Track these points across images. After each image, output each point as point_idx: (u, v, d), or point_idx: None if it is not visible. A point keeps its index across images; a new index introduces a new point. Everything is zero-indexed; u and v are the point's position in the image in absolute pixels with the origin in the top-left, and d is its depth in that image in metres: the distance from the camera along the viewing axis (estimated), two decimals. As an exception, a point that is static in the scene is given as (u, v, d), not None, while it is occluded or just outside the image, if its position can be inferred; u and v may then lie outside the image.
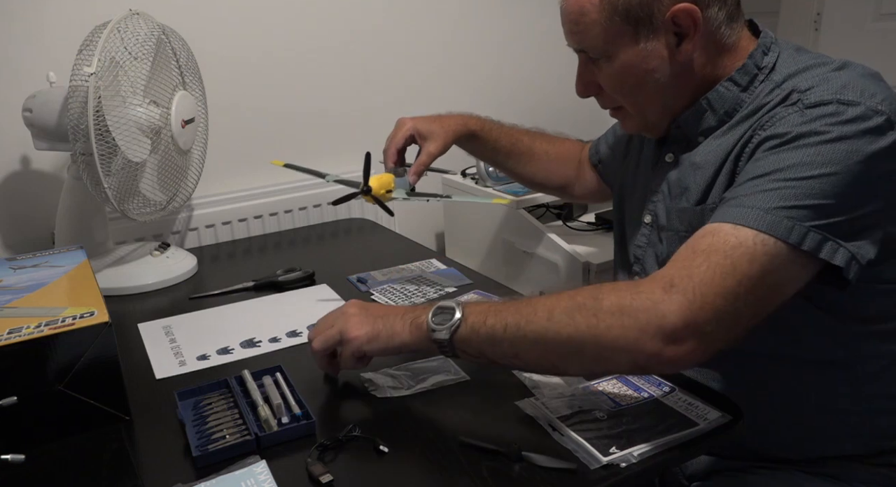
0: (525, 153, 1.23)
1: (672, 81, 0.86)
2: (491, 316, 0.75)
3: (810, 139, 0.74)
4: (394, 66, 1.73)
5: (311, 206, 1.62)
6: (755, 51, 0.86)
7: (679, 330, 0.67)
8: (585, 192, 1.26)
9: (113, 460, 0.75)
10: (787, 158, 0.74)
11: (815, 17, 2.24)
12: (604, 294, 0.71)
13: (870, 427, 0.85)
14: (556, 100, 1.97)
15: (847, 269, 0.73)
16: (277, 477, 0.67)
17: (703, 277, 0.69)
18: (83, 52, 1.08)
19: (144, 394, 0.86)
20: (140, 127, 1.12)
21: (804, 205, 0.71)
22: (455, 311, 0.76)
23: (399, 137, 1.14)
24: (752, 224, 0.71)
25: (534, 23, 1.91)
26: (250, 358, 0.95)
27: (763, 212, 0.71)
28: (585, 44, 0.87)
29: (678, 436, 0.72)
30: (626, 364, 0.72)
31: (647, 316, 0.68)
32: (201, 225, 1.51)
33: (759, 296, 0.70)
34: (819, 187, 0.72)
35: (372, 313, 0.83)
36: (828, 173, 0.72)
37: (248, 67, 1.54)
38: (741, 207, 0.73)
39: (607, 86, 0.89)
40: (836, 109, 0.74)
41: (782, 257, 0.70)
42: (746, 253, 0.70)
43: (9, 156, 1.36)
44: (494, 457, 0.71)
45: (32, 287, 0.90)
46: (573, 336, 0.70)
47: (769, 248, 0.70)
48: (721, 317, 0.68)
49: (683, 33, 0.83)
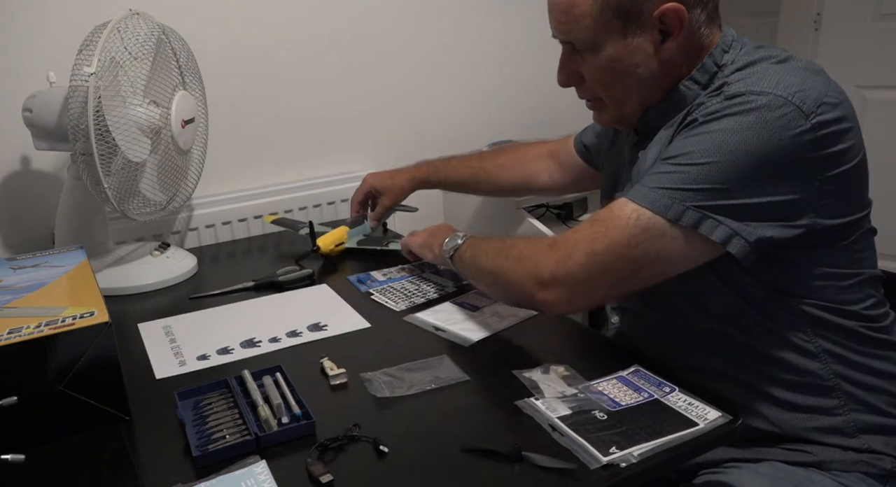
0: (478, 174, 1.36)
1: (652, 76, 0.89)
2: (469, 247, 1.00)
3: (712, 126, 0.80)
4: (394, 66, 1.73)
5: (312, 206, 1.62)
6: (715, 49, 0.88)
7: (547, 279, 0.84)
8: (557, 182, 1.33)
9: (113, 460, 0.74)
10: (689, 144, 0.81)
11: (815, 17, 2.25)
12: (517, 243, 0.91)
13: (843, 402, 0.87)
14: (556, 100, 1.97)
15: (728, 245, 0.79)
16: (277, 477, 0.67)
17: (577, 239, 0.83)
18: (83, 52, 1.08)
19: (144, 394, 0.86)
20: (140, 127, 1.12)
21: (690, 189, 0.79)
22: (459, 239, 1.02)
23: (359, 193, 1.42)
24: (638, 200, 0.81)
25: (534, 23, 1.91)
26: (250, 358, 0.95)
27: (649, 190, 0.81)
28: (573, 35, 0.89)
29: (678, 436, 0.72)
30: (520, 299, 0.89)
31: (529, 265, 0.86)
32: (201, 225, 1.51)
33: (630, 261, 0.81)
34: (708, 173, 0.78)
35: (431, 233, 1.14)
36: (718, 161, 0.78)
37: (248, 67, 1.54)
38: (639, 185, 0.83)
39: (590, 77, 0.92)
40: (746, 99, 0.79)
41: (657, 230, 0.79)
42: (620, 223, 0.81)
43: (9, 156, 1.36)
44: (494, 457, 0.71)
45: (32, 287, 0.90)
46: (492, 270, 0.92)
47: (642, 222, 0.80)
48: (586, 274, 0.82)
49: (669, 31, 0.86)
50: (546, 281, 0.84)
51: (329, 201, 1.64)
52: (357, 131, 1.72)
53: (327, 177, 1.68)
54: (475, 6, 1.81)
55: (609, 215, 0.83)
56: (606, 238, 0.81)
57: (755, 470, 0.86)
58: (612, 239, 0.81)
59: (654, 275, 0.83)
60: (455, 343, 0.96)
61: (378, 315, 1.07)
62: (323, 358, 0.91)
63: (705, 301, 0.89)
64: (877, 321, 0.89)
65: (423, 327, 1.02)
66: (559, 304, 0.85)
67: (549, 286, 0.84)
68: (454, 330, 0.99)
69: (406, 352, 0.93)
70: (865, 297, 0.88)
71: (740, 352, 0.89)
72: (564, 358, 0.89)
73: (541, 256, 0.85)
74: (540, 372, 0.85)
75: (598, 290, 0.85)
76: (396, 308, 1.09)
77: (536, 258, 0.85)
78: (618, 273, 0.82)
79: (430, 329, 1.01)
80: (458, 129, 1.86)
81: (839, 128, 0.80)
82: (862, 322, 0.88)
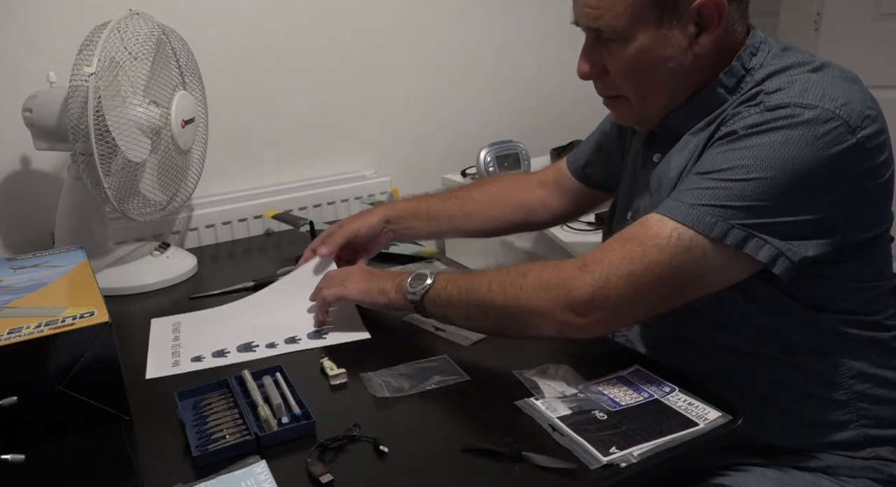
0: (466, 205, 1.17)
1: (682, 72, 0.85)
2: (451, 284, 0.88)
3: (755, 140, 0.75)
4: (394, 66, 1.73)
5: (312, 206, 1.62)
6: (743, 52, 0.85)
7: (583, 304, 0.78)
8: (556, 211, 1.20)
9: (113, 460, 0.74)
10: (731, 158, 0.76)
11: (815, 17, 2.25)
12: (530, 270, 0.83)
13: (855, 417, 0.86)
14: (557, 100, 1.98)
15: (774, 266, 0.75)
16: (277, 477, 0.67)
17: (613, 260, 0.77)
18: (83, 52, 1.08)
19: (144, 394, 0.86)
20: (140, 127, 1.12)
21: (734, 206, 0.75)
22: (427, 278, 0.90)
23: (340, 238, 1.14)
24: (678, 217, 0.76)
25: (534, 23, 1.91)
26: (246, 362, 0.95)
27: (689, 207, 0.76)
28: (603, 22, 0.83)
29: (678, 436, 0.72)
30: (546, 329, 0.81)
31: (559, 291, 0.79)
32: (201, 225, 1.51)
33: (670, 282, 0.77)
34: (754, 189, 0.74)
35: (371, 274, 0.99)
36: (766, 177, 0.74)
37: (248, 67, 1.54)
38: (675, 201, 0.78)
39: (617, 69, 0.86)
40: (791, 112, 0.75)
41: (699, 250, 0.75)
42: (659, 242, 0.76)
43: (9, 156, 1.36)
44: (494, 457, 0.71)
45: (32, 287, 0.90)
46: (504, 304, 0.83)
47: (683, 241, 0.75)
48: (625, 296, 0.77)
49: (705, 24, 0.82)
50: (582, 307, 0.78)
51: (329, 201, 1.64)
52: (357, 131, 1.72)
53: (327, 177, 1.68)
54: (475, 6, 1.81)
55: (645, 233, 0.77)
56: (646, 258, 0.76)
57: (762, 474, 0.86)
58: (652, 259, 0.76)
59: (692, 294, 0.79)
60: (455, 343, 0.96)
61: (378, 315, 1.06)
62: (323, 358, 0.91)
63: (723, 315, 0.86)
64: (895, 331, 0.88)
65: (423, 327, 1.02)
66: (597, 328, 0.80)
67: (586, 311, 0.78)
68: (454, 329, 0.99)
69: (406, 352, 0.93)
70: (885, 307, 0.87)
71: (754, 365, 0.86)
72: (564, 358, 0.89)
73: (572, 281, 0.78)
74: (540, 372, 0.85)
75: (637, 312, 0.80)
76: (396, 308, 1.09)
77: (566, 283, 0.79)
78: (657, 294, 0.78)
79: (430, 329, 1.01)
80: (458, 129, 1.86)
81: (879, 141, 0.78)
82: (882, 332, 0.86)
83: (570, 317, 0.79)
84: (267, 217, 1.51)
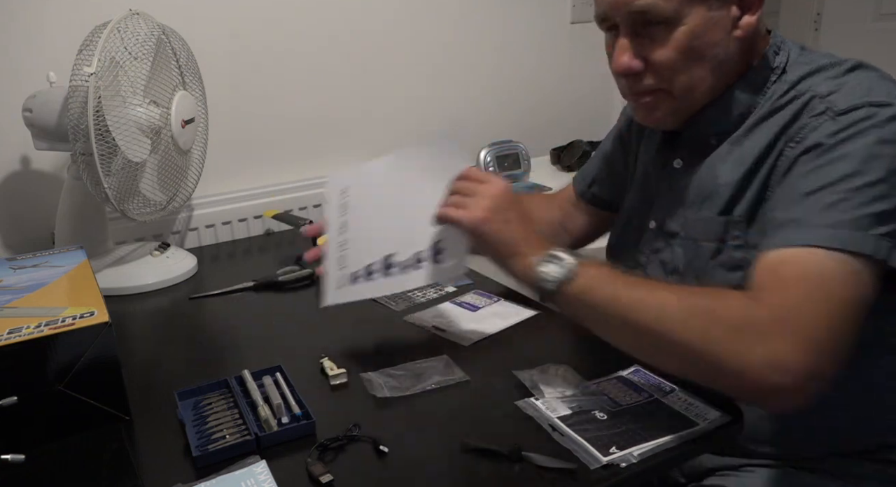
0: None
1: (728, 60, 0.82)
2: (604, 287, 0.74)
3: (851, 146, 0.72)
4: (394, 66, 1.73)
5: (312, 206, 1.62)
6: (767, 50, 0.84)
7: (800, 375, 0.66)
8: (579, 233, 1.16)
9: (113, 460, 0.75)
10: (835, 169, 0.72)
11: (815, 17, 2.25)
12: (715, 306, 0.70)
13: (864, 422, 0.85)
14: (557, 100, 1.98)
15: None
16: (277, 477, 0.67)
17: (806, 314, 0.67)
18: (83, 52, 1.08)
19: (144, 394, 0.86)
20: (140, 127, 1.12)
21: (866, 214, 0.70)
22: (563, 266, 0.76)
23: None
24: (834, 244, 0.69)
25: (534, 23, 1.91)
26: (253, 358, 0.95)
27: (834, 230, 0.70)
28: (651, 3, 0.78)
29: (678, 436, 0.72)
30: (734, 388, 0.71)
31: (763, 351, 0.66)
32: (201, 225, 1.51)
33: (858, 316, 0.69)
34: (874, 193, 0.70)
35: (515, 214, 0.82)
36: (881, 178, 0.71)
37: (248, 67, 1.54)
38: (809, 228, 0.71)
39: (662, 58, 0.81)
40: (868, 112, 0.73)
41: (861, 270, 0.69)
42: (836, 278, 0.68)
43: (9, 156, 1.36)
44: (494, 457, 0.71)
45: (32, 287, 0.90)
46: (687, 343, 0.69)
47: (852, 266, 0.69)
48: (834, 355, 0.67)
49: (746, 6, 0.80)
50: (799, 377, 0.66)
51: (329, 201, 1.63)
52: (357, 131, 1.72)
53: (327, 177, 1.67)
54: (475, 6, 1.81)
55: (809, 271, 0.69)
56: (838, 303, 0.68)
57: (768, 476, 0.85)
58: (841, 300, 0.68)
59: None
60: (455, 343, 0.96)
61: (378, 315, 1.07)
62: (323, 357, 0.91)
63: None
64: None
65: (423, 327, 1.02)
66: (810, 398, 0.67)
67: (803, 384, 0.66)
68: (454, 330, 0.99)
69: (406, 352, 0.93)
70: None
71: None
72: (564, 358, 0.89)
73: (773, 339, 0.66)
74: (540, 372, 0.85)
75: (839, 363, 0.68)
76: (396, 308, 1.09)
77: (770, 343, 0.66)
78: (851, 335, 0.68)
79: (430, 329, 1.01)
80: (458, 129, 1.86)
81: None
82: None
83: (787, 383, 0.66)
84: (267, 217, 1.52)
